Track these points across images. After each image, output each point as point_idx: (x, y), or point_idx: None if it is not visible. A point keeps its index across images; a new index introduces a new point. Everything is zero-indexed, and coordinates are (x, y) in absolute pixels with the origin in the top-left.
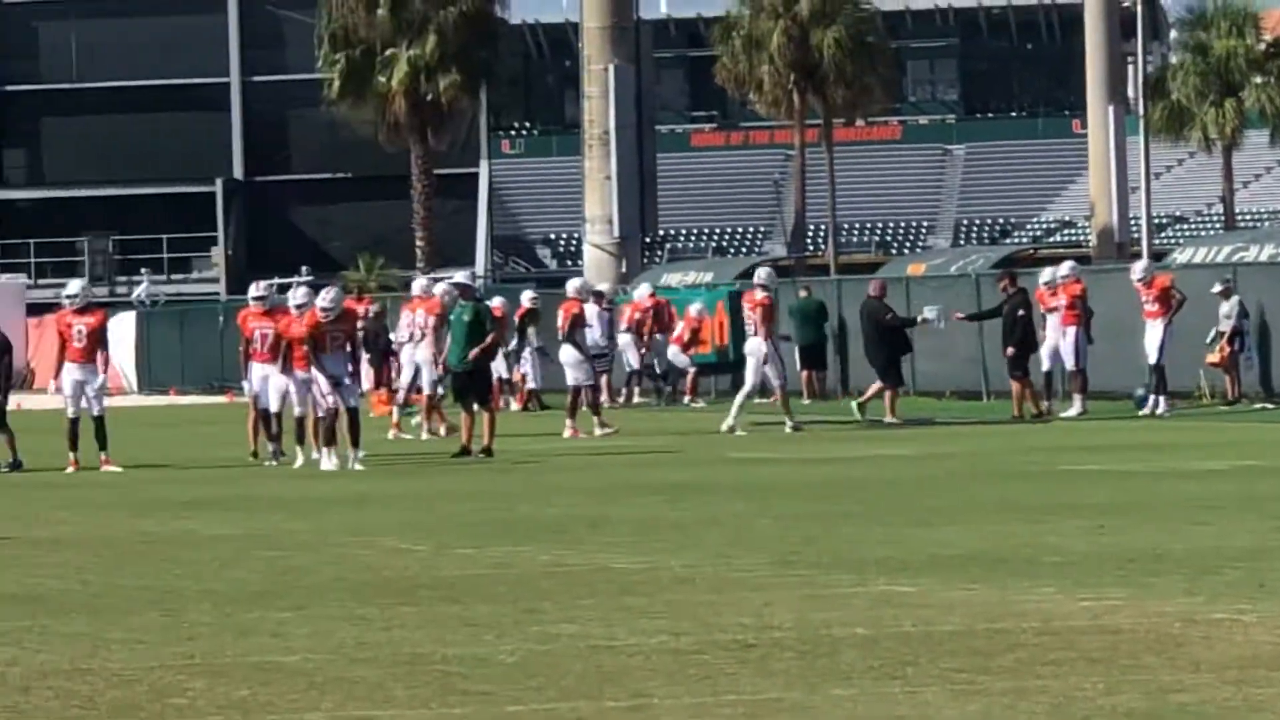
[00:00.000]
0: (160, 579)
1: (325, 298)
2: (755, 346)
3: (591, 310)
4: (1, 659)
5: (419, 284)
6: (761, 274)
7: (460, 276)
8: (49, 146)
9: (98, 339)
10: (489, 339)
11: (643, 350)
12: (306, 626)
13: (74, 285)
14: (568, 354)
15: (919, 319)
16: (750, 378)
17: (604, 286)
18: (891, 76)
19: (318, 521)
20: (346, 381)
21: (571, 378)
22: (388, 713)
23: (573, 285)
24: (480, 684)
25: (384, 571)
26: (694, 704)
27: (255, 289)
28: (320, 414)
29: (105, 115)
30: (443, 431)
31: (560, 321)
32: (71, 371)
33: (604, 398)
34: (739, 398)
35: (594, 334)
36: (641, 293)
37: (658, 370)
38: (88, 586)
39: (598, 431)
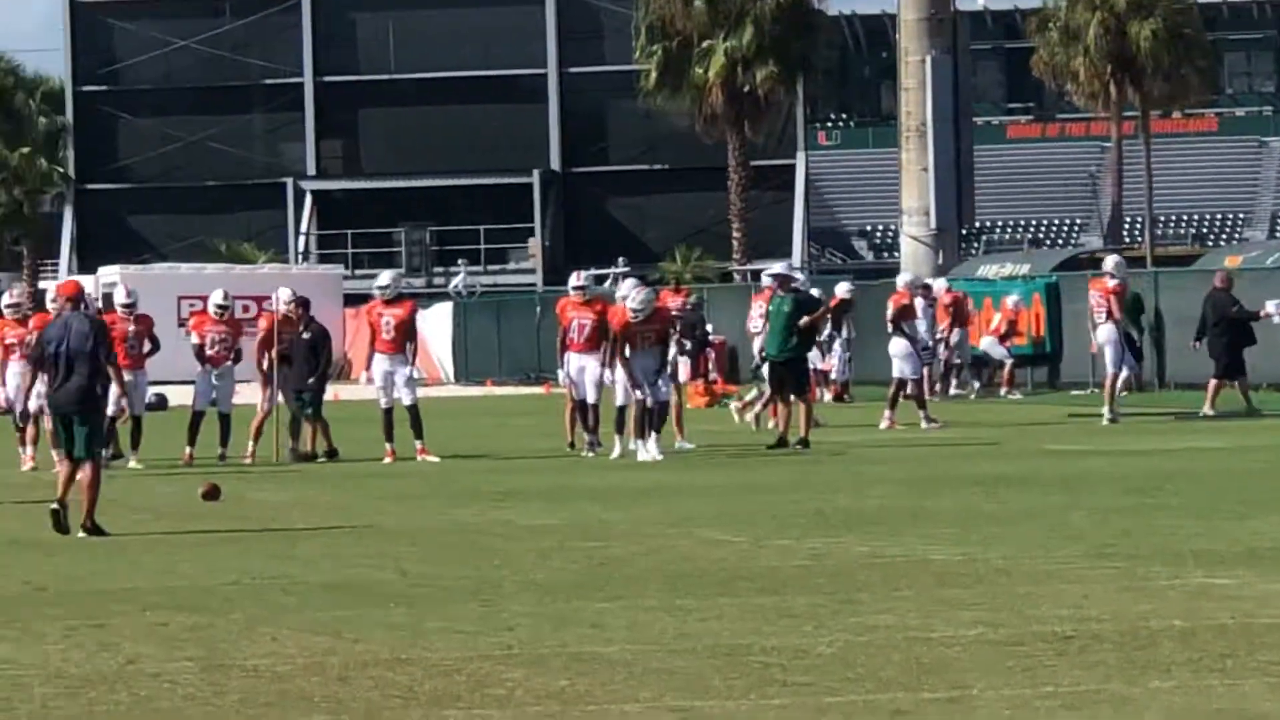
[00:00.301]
0: (478, 569)
1: (636, 299)
2: (1109, 334)
3: (918, 304)
4: (320, 648)
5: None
6: (1110, 263)
7: (778, 267)
8: (366, 137)
9: (406, 330)
10: (820, 311)
11: (942, 344)
12: (625, 617)
13: (385, 276)
14: (897, 346)
15: (1261, 313)
16: (1113, 366)
17: (930, 281)
18: (1208, 68)
19: (635, 512)
20: (655, 381)
21: (898, 369)
22: (706, 703)
23: (903, 278)
24: (799, 675)
25: (701, 562)
26: (1012, 695)
27: (575, 279)
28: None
29: (422, 106)
30: (771, 424)
31: (889, 313)
32: (380, 362)
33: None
34: (1111, 386)
35: (920, 328)
36: (938, 288)
37: (962, 364)
38: (406, 576)
39: (924, 425)
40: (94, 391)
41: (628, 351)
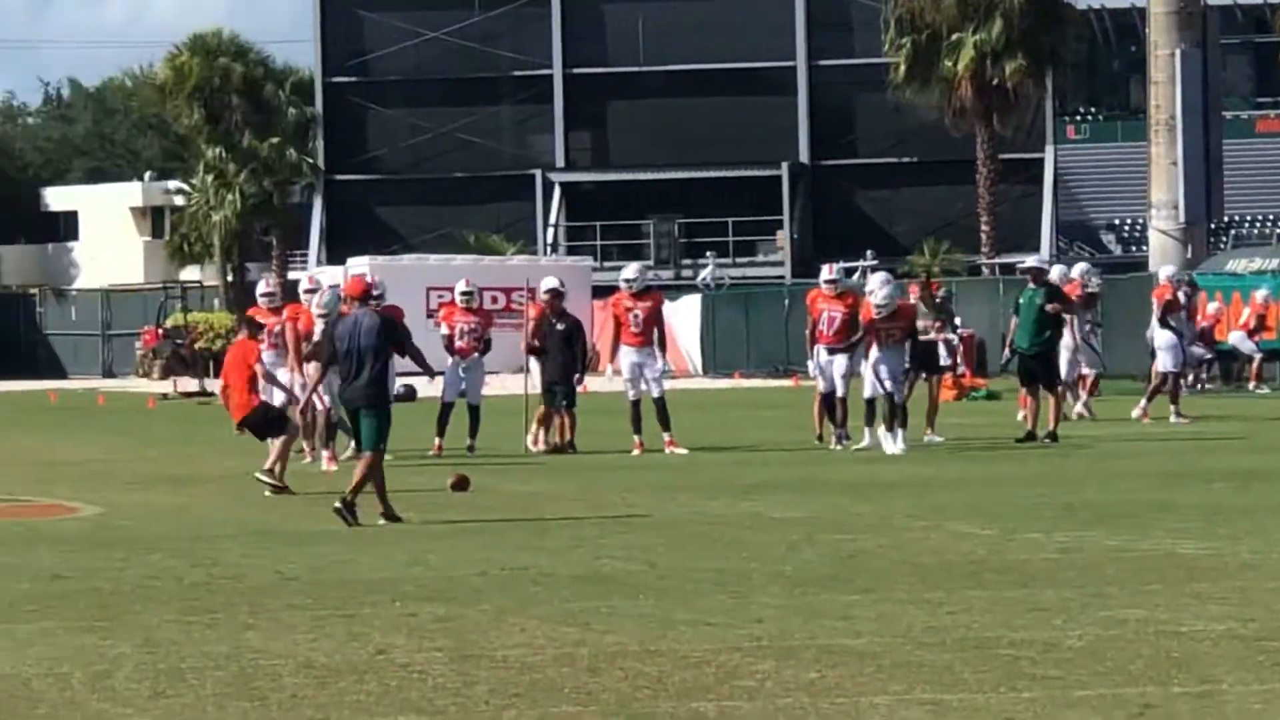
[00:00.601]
0: (727, 561)
1: (879, 295)
2: None
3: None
4: (570, 640)
5: (1059, 270)
6: None
7: (1032, 261)
8: (615, 129)
9: (654, 323)
10: (1068, 302)
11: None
12: (873, 609)
13: (631, 269)
14: (1163, 339)
15: None
16: None
17: (1190, 275)
18: None
19: (883, 505)
20: (901, 379)
21: (1162, 362)
22: (955, 696)
23: (1166, 272)
24: (1048, 668)
25: (950, 555)
26: (1263, 691)
27: (827, 272)
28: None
29: (671, 98)
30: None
31: (1156, 308)
32: (628, 354)
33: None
34: None
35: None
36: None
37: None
38: (654, 568)
39: (1173, 420)
40: (384, 386)
41: (873, 348)
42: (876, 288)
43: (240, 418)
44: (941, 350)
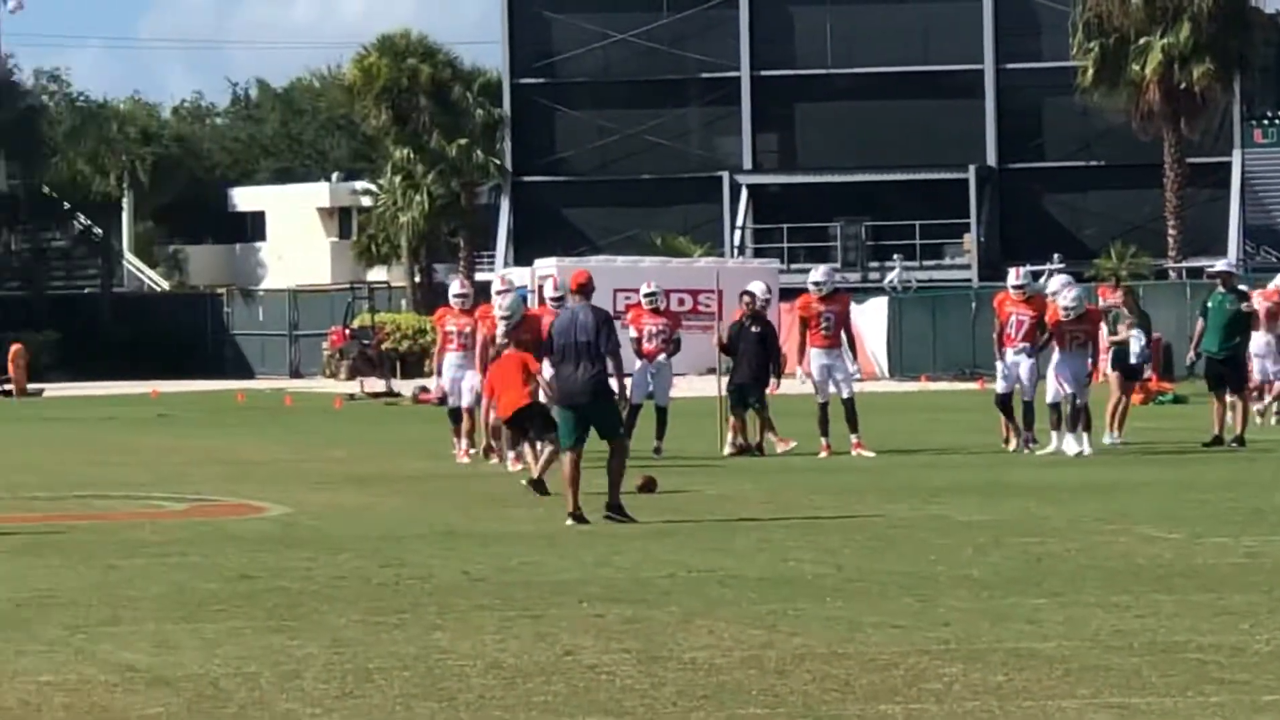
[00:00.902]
0: (914, 564)
1: (1068, 297)
2: None
3: None
4: (757, 642)
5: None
6: None
7: (1221, 265)
8: (802, 132)
9: (843, 325)
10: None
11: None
12: (1061, 613)
13: (819, 271)
14: None
15: None
16: None
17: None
18: None
19: (1071, 508)
20: (1085, 381)
21: None
22: (1143, 700)
23: None
24: (1236, 673)
25: (1137, 559)
26: None
27: (1014, 276)
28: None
29: (858, 101)
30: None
31: None
32: (818, 357)
33: None
34: None
35: None
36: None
37: None
38: (842, 570)
39: None
40: (604, 379)
41: (1056, 352)
42: (1062, 289)
43: (511, 413)
44: (1133, 349)
